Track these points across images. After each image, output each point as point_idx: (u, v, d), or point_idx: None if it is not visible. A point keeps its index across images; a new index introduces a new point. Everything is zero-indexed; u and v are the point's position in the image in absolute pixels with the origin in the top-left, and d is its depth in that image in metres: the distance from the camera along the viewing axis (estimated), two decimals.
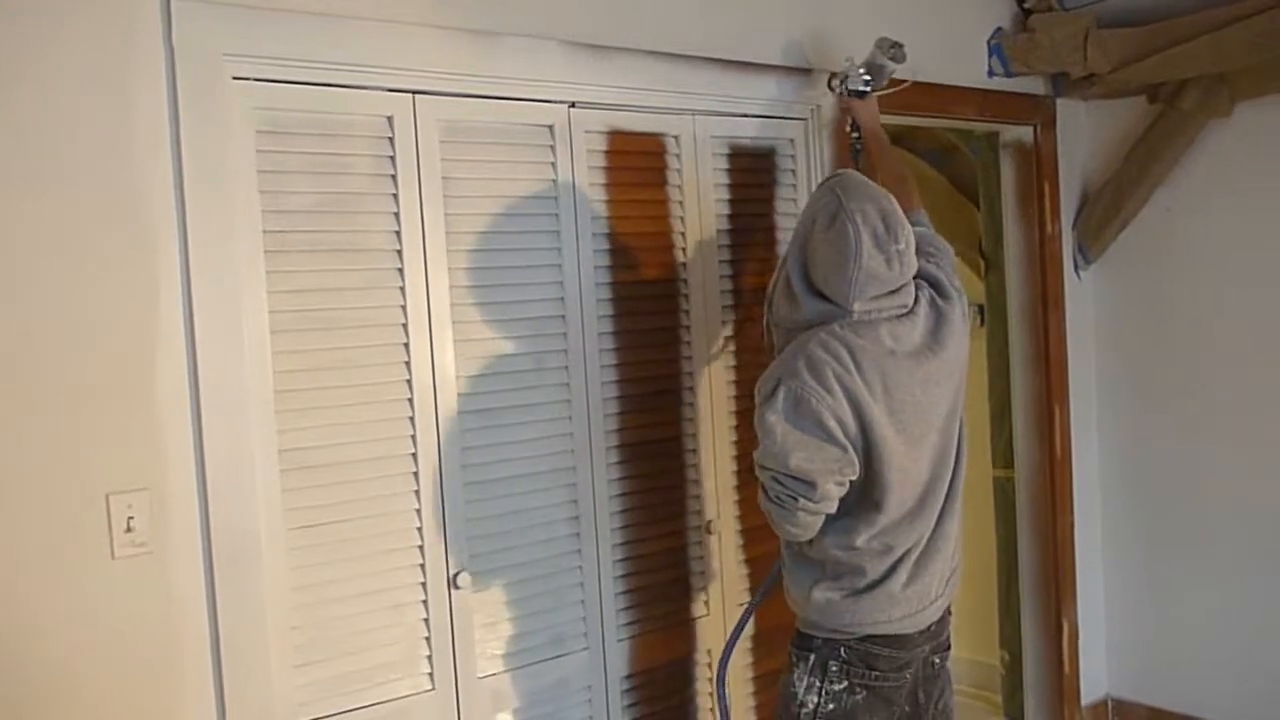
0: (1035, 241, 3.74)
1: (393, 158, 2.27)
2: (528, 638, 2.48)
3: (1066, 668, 3.79)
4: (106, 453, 1.94)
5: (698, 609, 2.76)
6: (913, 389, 2.11)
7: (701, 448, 2.75)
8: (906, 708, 2.26)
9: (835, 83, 2.87)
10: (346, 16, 2.19)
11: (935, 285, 2.23)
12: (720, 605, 2.78)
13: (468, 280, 2.38)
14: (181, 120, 2.01)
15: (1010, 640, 3.94)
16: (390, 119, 2.27)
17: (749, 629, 2.76)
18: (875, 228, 2.04)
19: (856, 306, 2.07)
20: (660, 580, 2.69)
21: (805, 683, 2.18)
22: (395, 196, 2.27)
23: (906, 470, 2.13)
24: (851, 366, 2.04)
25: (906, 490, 2.14)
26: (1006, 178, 3.79)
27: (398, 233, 2.28)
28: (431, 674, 2.33)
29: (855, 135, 2.83)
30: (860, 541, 2.13)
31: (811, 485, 2.05)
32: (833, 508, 2.11)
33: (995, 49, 3.50)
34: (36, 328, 1.87)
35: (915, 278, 2.17)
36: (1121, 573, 3.93)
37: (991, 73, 3.52)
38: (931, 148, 4.18)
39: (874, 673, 2.17)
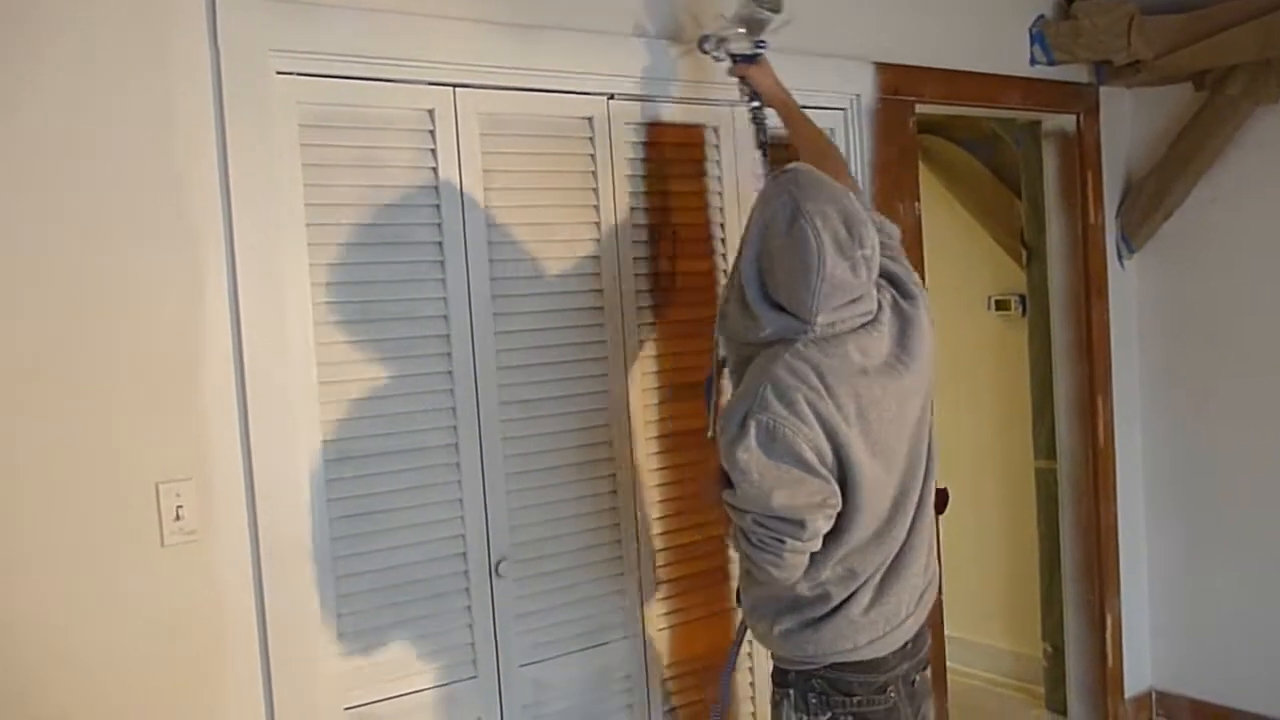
0: (1078, 231, 3.70)
1: (434, 150, 2.29)
2: (569, 626, 2.50)
3: (1110, 660, 3.76)
4: (155, 443, 1.97)
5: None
6: (888, 405, 1.93)
7: None
8: None
9: (709, 46, 2.51)
10: (388, 11, 2.21)
11: (895, 284, 2.03)
12: None
13: (508, 272, 2.39)
14: (226, 114, 2.04)
15: (1053, 632, 3.92)
16: (431, 112, 2.29)
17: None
18: (837, 232, 1.82)
19: (820, 319, 1.86)
20: (701, 570, 2.70)
21: (795, 719, 2.05)
22: (436, 189, 2.29)
23: (876, 493, 1.95)
24: (823, 390, 1.86)
25: (874, 512, 1.97)
26: (1049, 167, 3.76)
27: (439, 225, 2.30)
28: (474, 661, 2.35)
29: (756, 105, 2.53)
30: (826, 573, 1.98)
31: (800, 525, 1.88)
32: (819, 544, 1.94)
33: (1037, 36, 3.47)
34: (85, 320, 1.91)
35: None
36: (1165, 564, 3.89)
37: (1034, 61, 3.49)
38: (973, 137, 4.16)
39: (854, 699, 2.02)
